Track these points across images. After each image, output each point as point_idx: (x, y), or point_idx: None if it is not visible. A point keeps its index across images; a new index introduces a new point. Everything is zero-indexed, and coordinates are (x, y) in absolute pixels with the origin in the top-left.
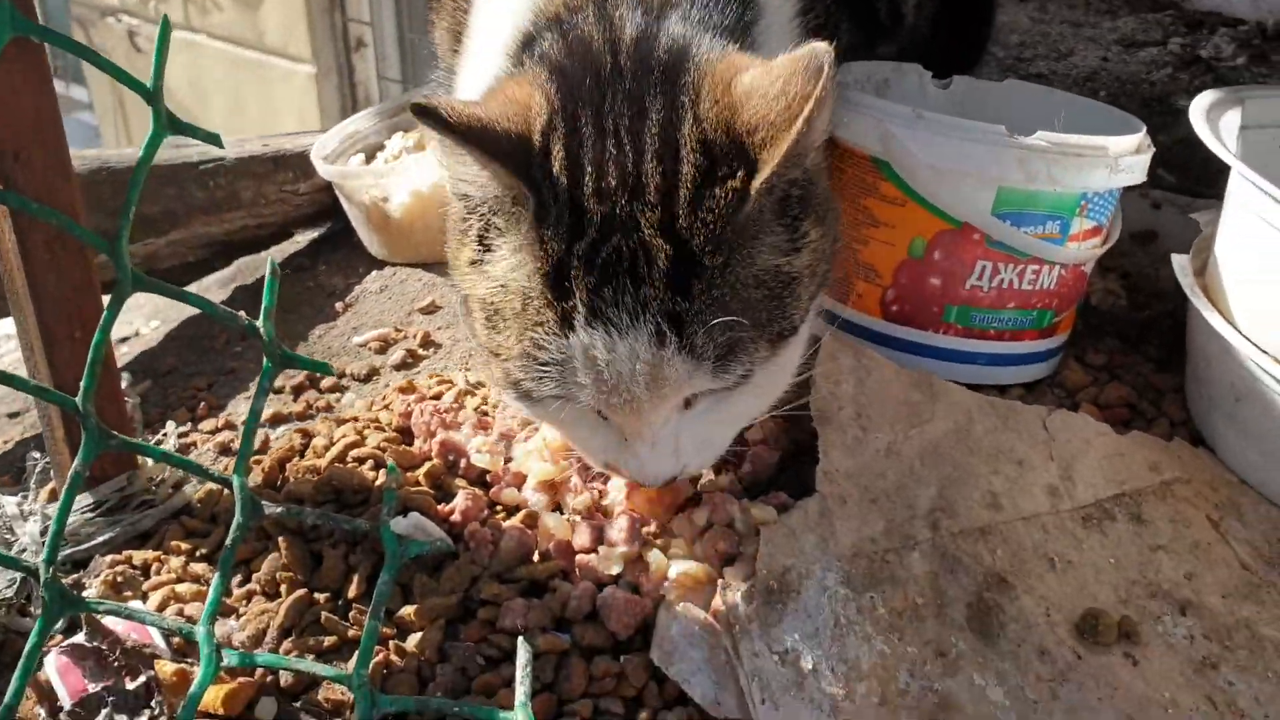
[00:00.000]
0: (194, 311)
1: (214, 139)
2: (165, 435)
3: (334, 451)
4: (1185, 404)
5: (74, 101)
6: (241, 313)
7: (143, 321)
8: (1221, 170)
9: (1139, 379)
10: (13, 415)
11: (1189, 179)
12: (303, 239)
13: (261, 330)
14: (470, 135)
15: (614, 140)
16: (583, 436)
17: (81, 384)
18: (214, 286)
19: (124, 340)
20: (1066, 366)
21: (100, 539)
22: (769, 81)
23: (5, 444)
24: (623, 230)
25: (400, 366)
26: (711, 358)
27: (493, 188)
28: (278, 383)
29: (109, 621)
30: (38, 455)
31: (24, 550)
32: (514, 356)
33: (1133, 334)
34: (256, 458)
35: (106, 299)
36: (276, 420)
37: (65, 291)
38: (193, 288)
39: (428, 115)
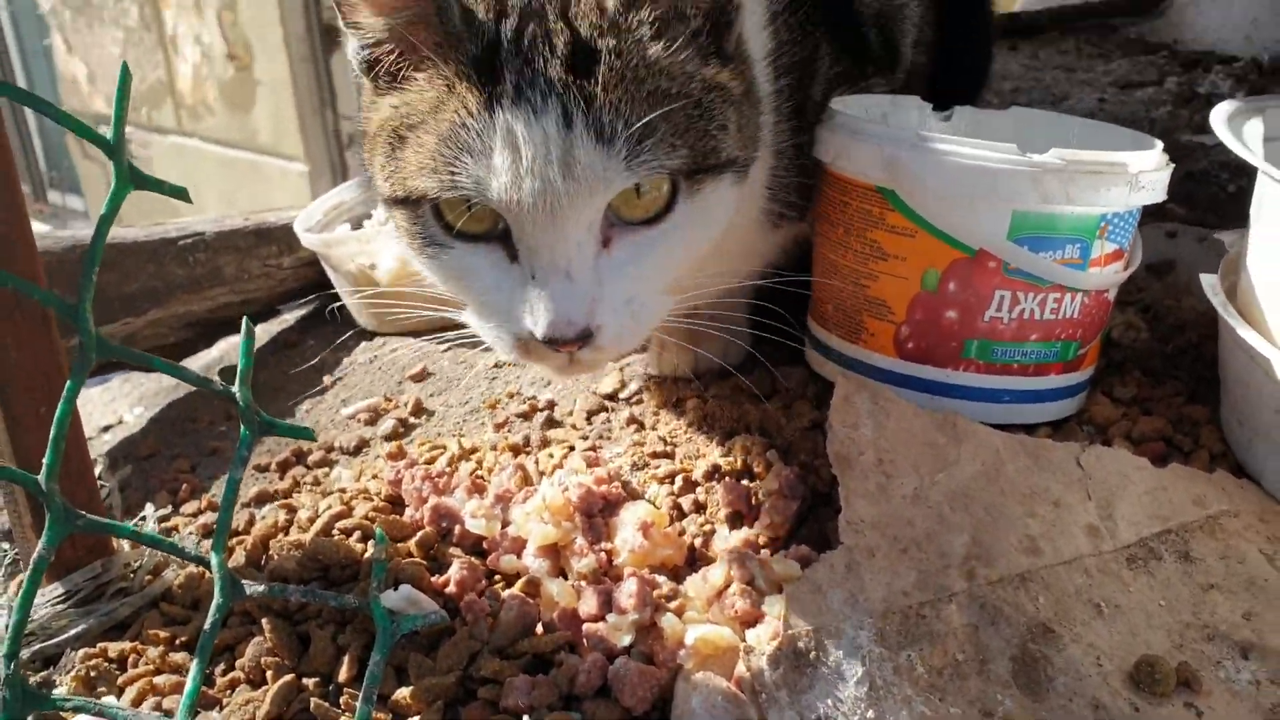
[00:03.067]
0: (177, 395)
1: (181, 193)
2: (144, 518)
3: (319, 524)
4: (1223, 435)
5: (70, 210)
6: (216, 378)
7: (126, 409)
8: (1232, 198)
9: (1171, 411)
10: None
11: (1199, 210)
12: (290, 316)
13: (237, 395)
14: None
15: None
16: (484, 288)
17: (45, 461)
18: (198, 369)
19: (107, 429)
20: (1094, 402)
21: (73, 631)
22: None
23: None
24: (536, 18)
25: (391, 436)
26: (623, 141)
27: (406, 13)
28: (263, 460)
29: None
30: (5, 546)
31: None
32: (416, 166)
33: (1158, 367)
34: (240, 537)
35: None
36: (262, 499)
37: (28, 367)
38: (181, 363)
39: None
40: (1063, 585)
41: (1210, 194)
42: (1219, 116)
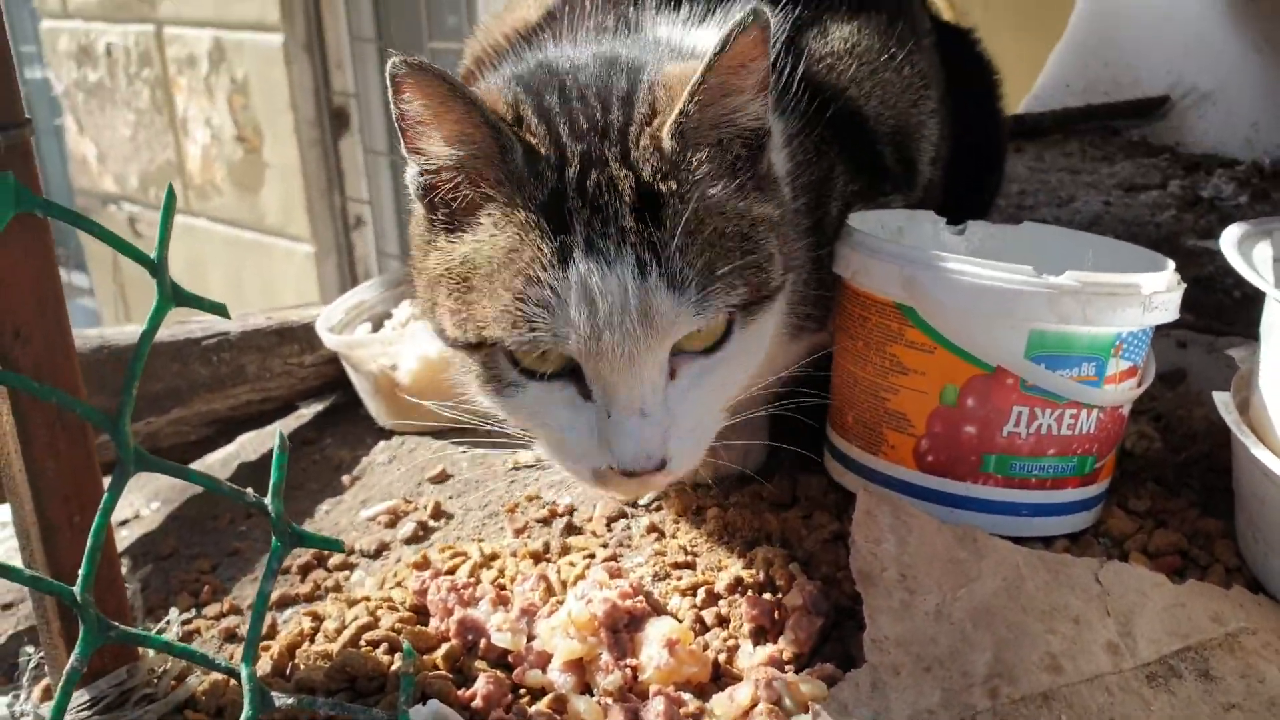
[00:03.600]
0: (196, 490)
1: (220, 309)
2: (168, 623)
3: (346, 635)
4: (1238, 549)
5: (75, 288)
6: (249, 489)
7: (143, 503)
8: (1239, 304)
9: (1186, 524)
10: (6, 606)
11: (1206, 317)
12: (308, 412)
13: (270, 508)
14: (458, 90)
15: (580, 99)
16: (561, 426)
17: (80, 572)
18: (217, 464)
19: (124, 523)
20: (1110, 514)
21: None
22: None
23: None
24: (598, 165)
25: (411, 540)
26: (693, 288)
27: (470, 147)
28: (285, 563)
29: None
30: (31, 650)
31: None
32: (492, 317)
33: (1172, 478)
34: (265, 644)
35: (105, 480)
36: (284, 602)
37: (64, 475)
38: (195, 466)
39: (421, 70)
40: (1085, 704)
41: (1216, 300)
42: (1229, 241)
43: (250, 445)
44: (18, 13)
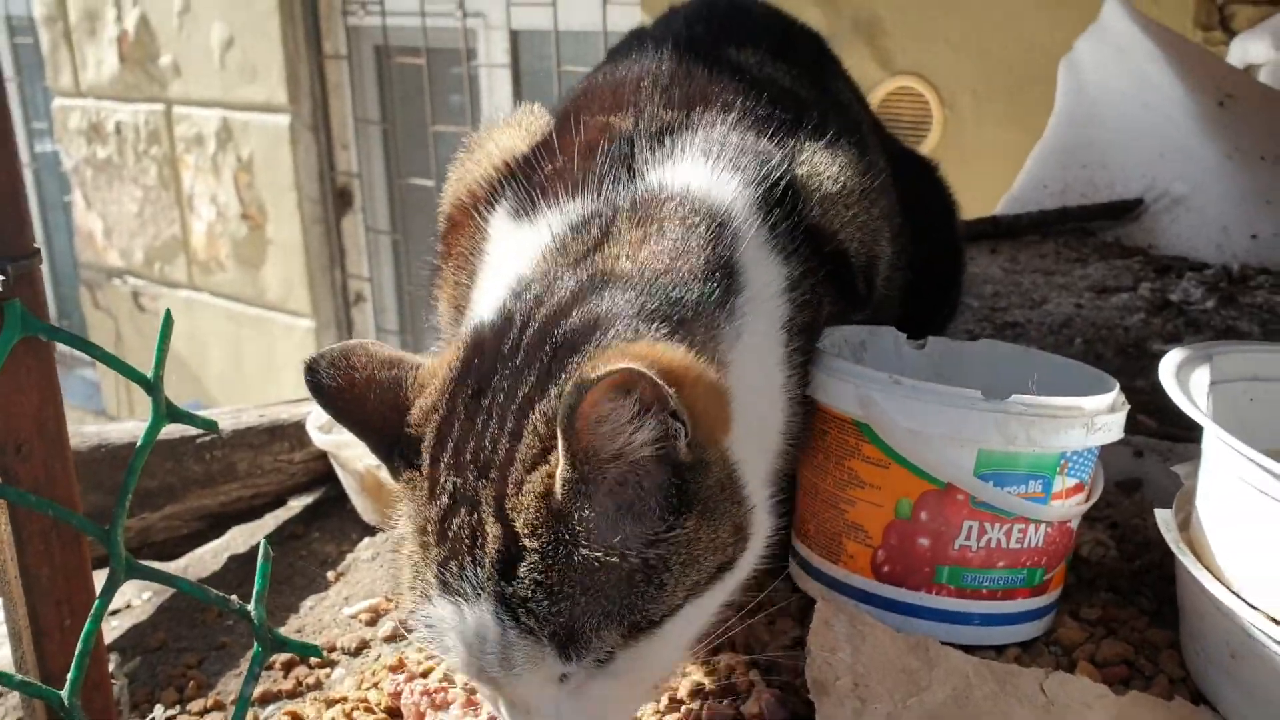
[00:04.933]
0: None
1: (211, 425)
2: (153, 718)
3: None
4: (1182, 659)
5: (76, 359)
6: (234, 597)
7: (134, 593)
8: None
9: (1135, 634)
10: None
11: (1168, 422)
12: (297, 505)
13: (253, 615)
14: (341, 408)
15: (484, 417)
16: (481, 693)
17: (69, 676)
18: (208, 556)
19: (115, 613)
20: (1061, 623)
21: None
22: None
23: None
24: (468, 505)
25: (391, 638)
26: (549, 642)
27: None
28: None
29: None
30: None
31: None
32: (409, 609)
33: (1125, 585)
34: None
35: (96, 576)
36: (266, 699)
37: (57, 581)
38: (185, 558)
39: (309, 372)
40: None
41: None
42: (1168, 368)
43: (240, 538)
44: (32, 90)
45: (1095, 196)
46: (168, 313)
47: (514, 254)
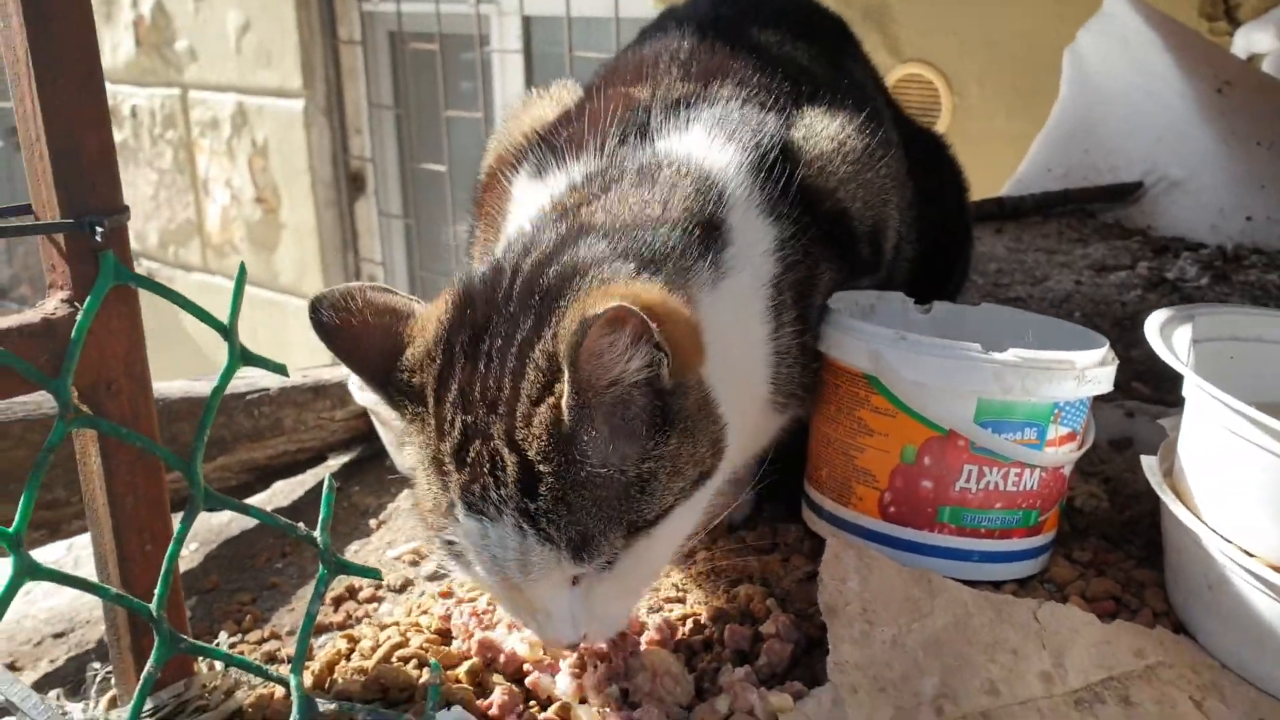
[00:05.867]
0: (231, 534)
1: (280, 368)
2: (219, 643)
3: (381, 652)
4: (1166, 596)
5: None
6: (301, 524)
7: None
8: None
9: (1123, 574)
10: (58, 635)
11: (1161, 390)
12: (336, 463)
13: (318, 539)
14: (338, 344)
15: (485, 360)
16: (500, 600)
17: (156, 592)
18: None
19: None
20: (1055, 563)
21: None
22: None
23: (52, 663)
24: (482, 437)
25: (433, 577)
26: (566, 547)
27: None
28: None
29: None
30: (98, 665)
31: None
32: (429, 529)
33: (1115, 534)
34: (305, 663)
35: (173, 516)
36: (318, 630)
37: (140, 510)
38: None
39: (311, 309)
40: None
41: (1174, 374)
42: (1152, 325)
43: (283, 492)
44: None
45: (1097, 180)
46: (242, 265)
47: (526, 209)
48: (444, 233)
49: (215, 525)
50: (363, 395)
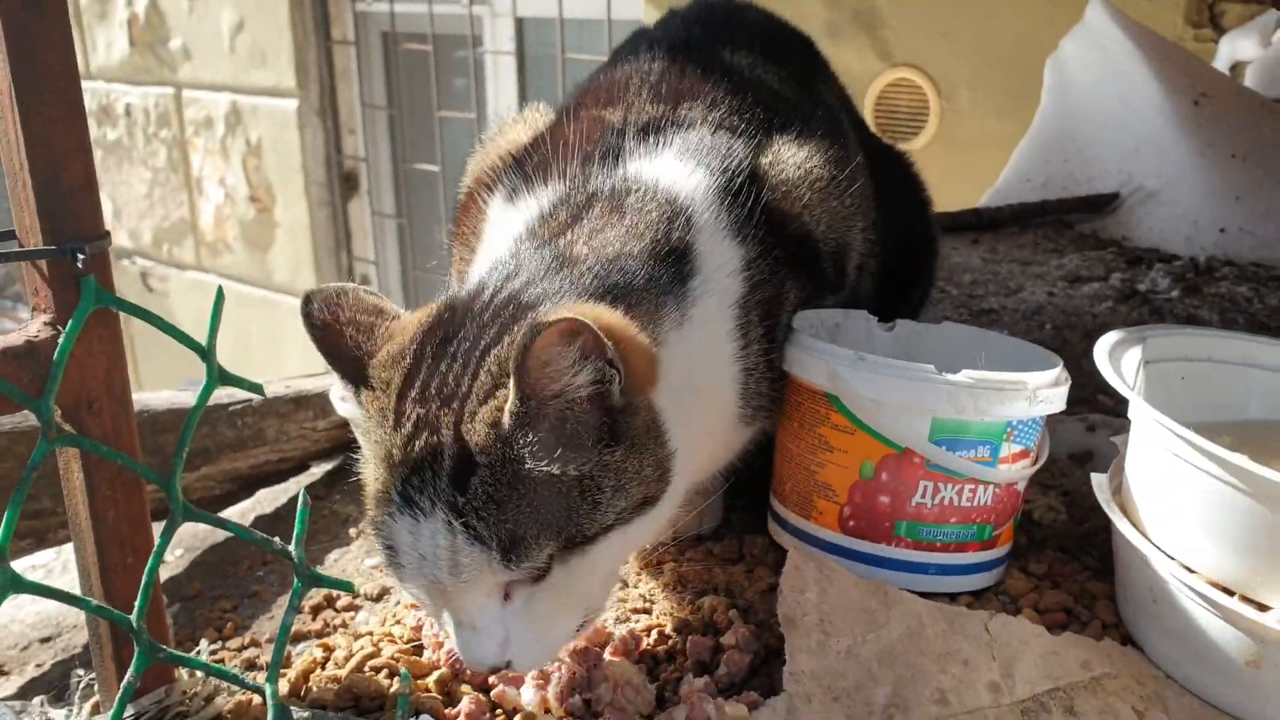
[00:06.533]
0: (218, 539)
1: (257, 388)
2: (199, 651)
3: (353, 662)
4: (1116, 608)
5: None
6: (276, 539)
7: (168, 550)
8: None
9: (1076, 586)
10: (45, 640)
11: (1123, 401)
12: (319, 471)
13: (293, 554)
14: (323, 339)
15: (449, 360)
16: (430, 613)
17: (136, 604)
18: (236, 516)
19: None
20: (1011, 575)
21: None
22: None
23: (39, 667)
24: (429, 429)
25: None
26: (495, 547)
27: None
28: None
29: None
30: (81, 672)
31: None
32: (372, 534)
33: (1073, 545)
34: (282, 671)
35: (153, 527)
36: (297, 638)
37: (121, 524)
38: (220, 514)
39: (304, 303)
40: None
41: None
42: (1102, 347)
43: (266, 500)
44: None
45: (1075, 190)
46: (219, 290)
47: (501, 233)
48: (437, 232)
49: (200, 532)
50: (344, 406)
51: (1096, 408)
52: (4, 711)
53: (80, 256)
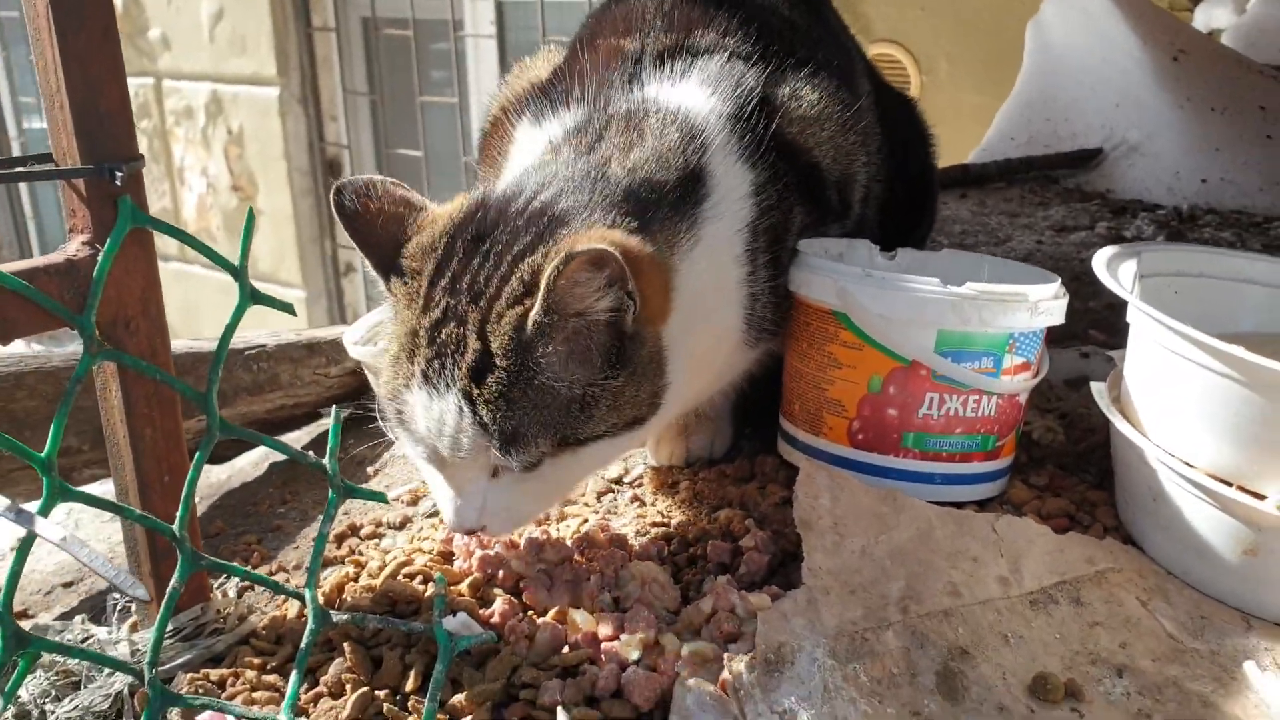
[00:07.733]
0: (232, 487)
1: (288, 308)
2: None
3: (389, 569)
4: (1116, 513)
5: None
6: (310, 452)
7: None
8: None
9: (1077, 495)
10: (67, 585)
11: (1116, 336)
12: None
13: (327, 465)
14: (355, 227)
15: (482, 258)
16: (426, 476)
17: (177, 514)
18: (250, 462)
19: None
20: (1013, 486)
21: (180, 660)
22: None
23: (64, 609)
24: (457, 321)
25: (431, 514)
26: (497, 437)
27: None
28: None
29: None
30: (117, 596)
31: (112, 677)
32: (385, 396)
33: (1071, 463)
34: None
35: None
36: (323, 564)
37: (158, 442)
38: (234, 462)
39: (335, 193)
40: (978, 620)
41: (1126, 321)
42: (1100, 260)
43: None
44: (23, 66)
45: (1059, 146)
46: (250, 210)
47: (528, 152)
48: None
49: (215, 481)
50: (356, 350)
51: (1089, 342)
52: (96, 558)
53: (118, 175)
